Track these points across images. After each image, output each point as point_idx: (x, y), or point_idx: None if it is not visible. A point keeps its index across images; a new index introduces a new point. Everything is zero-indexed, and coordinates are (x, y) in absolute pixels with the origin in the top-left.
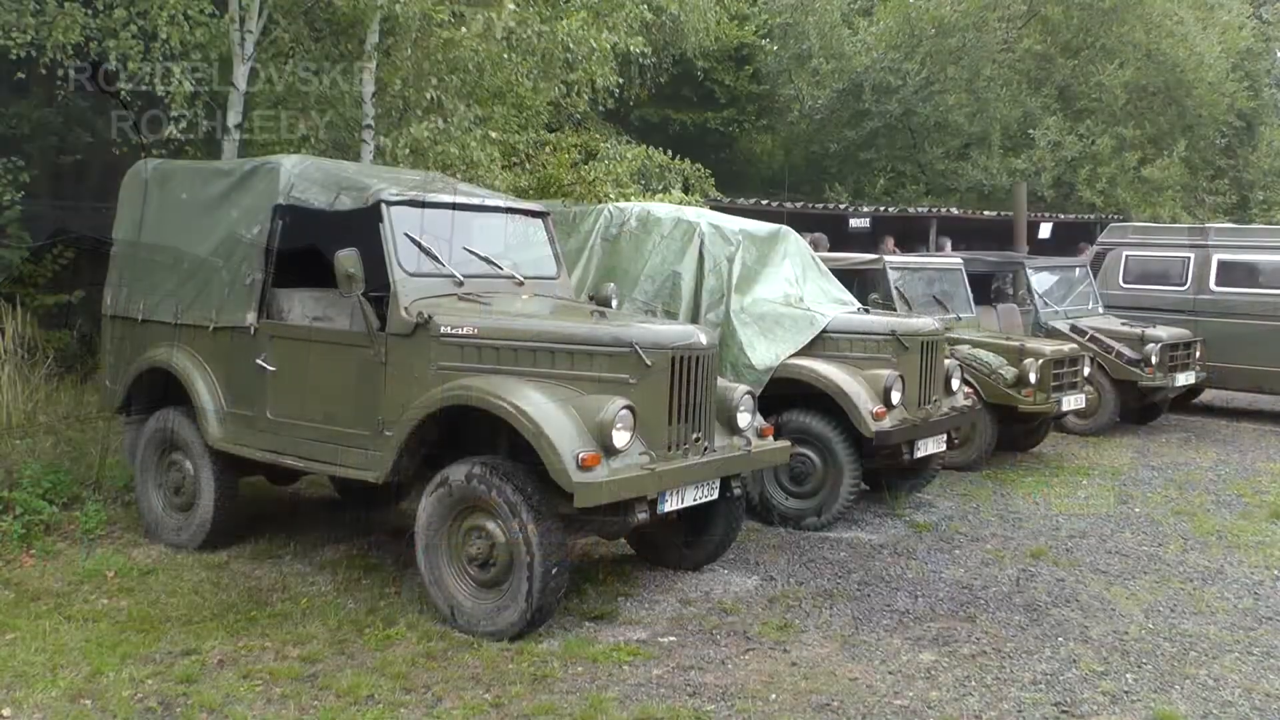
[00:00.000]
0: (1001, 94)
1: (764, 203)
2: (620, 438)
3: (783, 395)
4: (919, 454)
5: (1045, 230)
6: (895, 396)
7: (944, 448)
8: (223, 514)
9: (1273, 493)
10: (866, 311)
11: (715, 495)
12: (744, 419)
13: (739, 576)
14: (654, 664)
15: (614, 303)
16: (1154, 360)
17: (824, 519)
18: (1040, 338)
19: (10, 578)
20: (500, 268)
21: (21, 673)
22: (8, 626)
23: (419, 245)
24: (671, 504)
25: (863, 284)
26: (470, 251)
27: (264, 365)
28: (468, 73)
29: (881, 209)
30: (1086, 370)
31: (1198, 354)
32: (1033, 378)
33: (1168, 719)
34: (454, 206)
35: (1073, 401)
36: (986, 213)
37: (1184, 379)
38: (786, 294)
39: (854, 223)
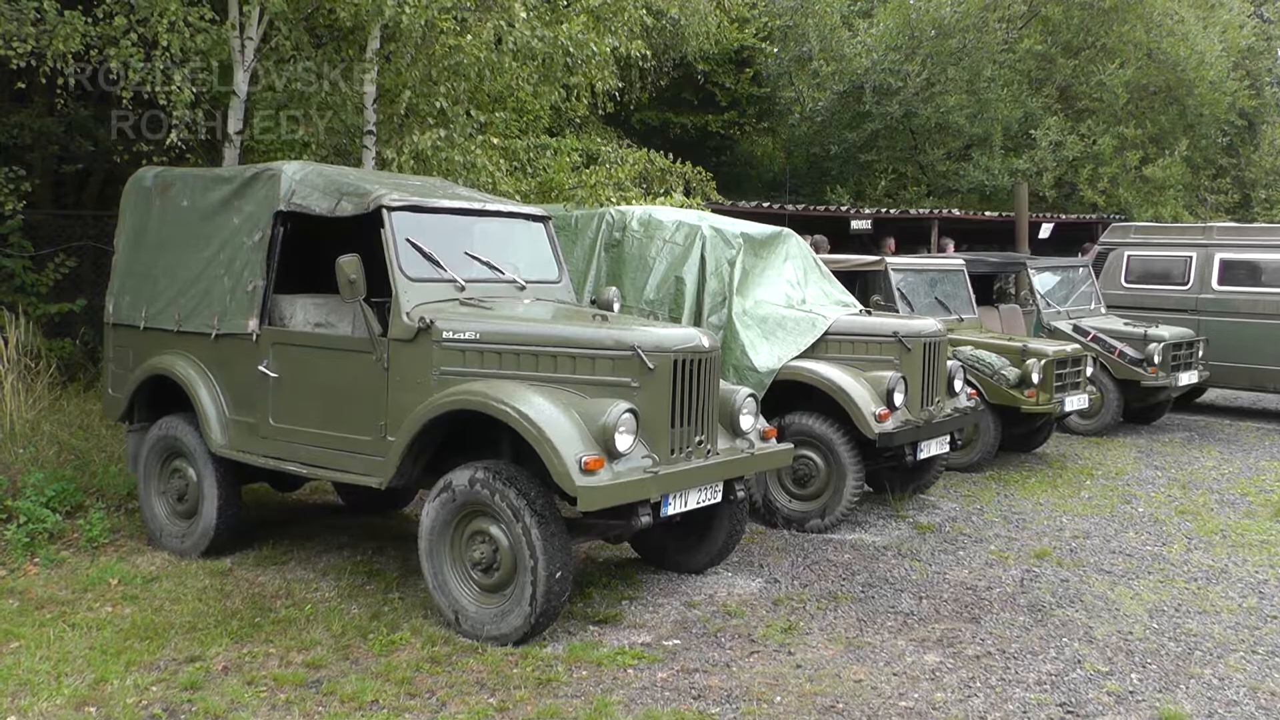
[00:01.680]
0: (1002, 94)
1: (765, 205)
2: (623, 441)
3: (785, 397)
4: (922, 455)
5: (1046, 230)
6: (898, 398)
7: (947, 449)
8: (226, 521)
9: (1276, 492)
10: (868, 313)
11: (718, 498)
12: (747, 421)
13: (743, 579)
14: (659, 667)
15: (615, 306)
16: (1157, 360)
17: (827, 521)
18: (1043, 338)
19: (15, 586)
20: (502, 272)
21: (26, 681)
22: (12, 635)
23: (420, 250)
24: (675, 507)
25: (865, 285)
26: (472, 256)
27: (266, 372)
28: (469, 79)
29: (883, 210)
30: (1089, 370)
31: (1200, 353)
32: (1035, 378)
33: (1173, 719)
34: (455, 211)
35: (1075, 402)
36: (988, 213)
37: (1187, 378)
38: (788, 296)
39: (855, 224)
